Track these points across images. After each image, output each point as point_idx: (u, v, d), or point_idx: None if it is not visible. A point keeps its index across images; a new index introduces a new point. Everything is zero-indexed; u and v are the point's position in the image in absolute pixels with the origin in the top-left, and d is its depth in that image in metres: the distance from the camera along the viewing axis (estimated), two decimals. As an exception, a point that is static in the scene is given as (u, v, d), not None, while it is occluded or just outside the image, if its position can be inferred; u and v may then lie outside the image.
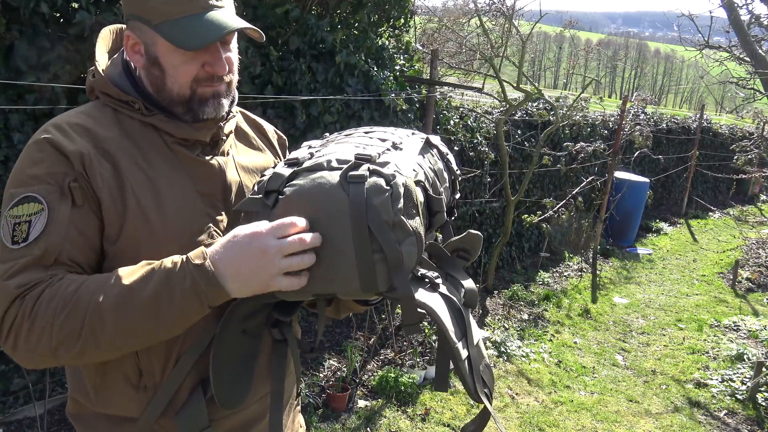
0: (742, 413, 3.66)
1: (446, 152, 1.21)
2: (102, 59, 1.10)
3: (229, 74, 1.05)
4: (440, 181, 1.11)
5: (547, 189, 6.35)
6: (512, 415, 3.35)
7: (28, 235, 0.91)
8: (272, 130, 1.31)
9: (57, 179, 0.93)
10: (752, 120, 8.31)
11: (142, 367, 1.02)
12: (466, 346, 0.99)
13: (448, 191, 1.16)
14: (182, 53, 0.98)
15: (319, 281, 0.91)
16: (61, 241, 0.91)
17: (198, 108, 1.02)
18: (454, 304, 1.00)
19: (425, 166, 1.07)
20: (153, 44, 1.00)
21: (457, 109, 4.99)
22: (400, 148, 1.06)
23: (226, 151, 1.12)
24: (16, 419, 2.65)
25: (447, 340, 0.94)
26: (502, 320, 4.58)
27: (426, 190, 1.01)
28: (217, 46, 1.01)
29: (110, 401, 1.04)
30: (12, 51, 2.26)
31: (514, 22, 4.74)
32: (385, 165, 0.94)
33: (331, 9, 3.65)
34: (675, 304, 5.69)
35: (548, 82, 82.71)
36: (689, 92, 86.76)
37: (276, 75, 3.17)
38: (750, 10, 6.30)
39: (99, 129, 1.00)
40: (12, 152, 2.32)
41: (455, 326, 0.97)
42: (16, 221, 0.91)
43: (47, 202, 0.92)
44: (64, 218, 0.92)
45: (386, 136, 1.10)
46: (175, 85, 1.01)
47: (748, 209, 10.24)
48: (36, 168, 0.94)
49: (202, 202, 1.04)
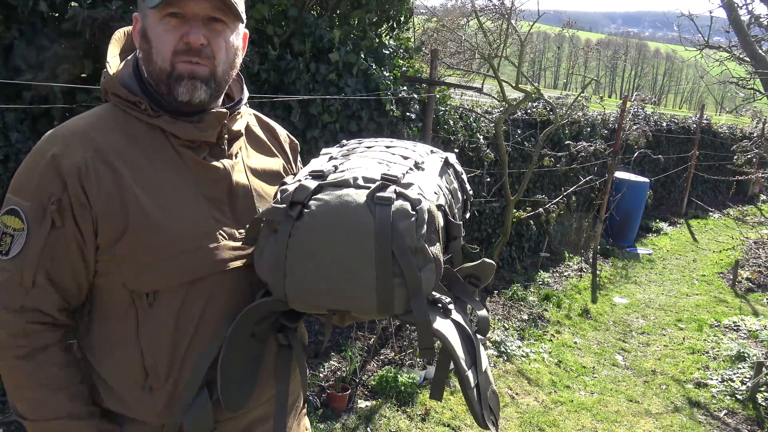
0: (742, 413, 3.66)
1: (461, 172, 1.22)
2: (113, 61, 1.10)
3: (211, 54, 1.03)
4: (455, 200, 1.12)
5: (547, 189, 6.35)
6: (512, 415, 3.34)
7: (9, 249, 0.98)
8: (285, 134, 1.30)
9: (42, 197, 0.98)
10: (752, 120, 8.31)
11: (147, 367, 1.02)
12: (476, 373, 1.01)
13: (461, 211, 1.17)
14: (165, 22, 1.00)
15: (337, 298, 0.92)
16: (36, 263, 0.98)
17: (174, 86, 1.02)
18: (464, 330, 1.02)
19: (443, 188, 1.08)
20: (145, 18, 1.03)
21: (457, 108, 4.98)
22: (422, 167, 1.06)
23: (234, 154, 1.11)
24: (16, 419, 2.64)
25: (457, 367, 0.96)
26: (502, 320, 4.58)
27: (446, 214, 1.03)
28: (198, 17, 1.01)
29: (117, 400, 1.05)
30: (11, 50, 2.26)
31: (513, 22, 4.73)
32: (409, 187, 0.95)
33: (330, 8, 3.64)
34: (675, 304, 5.68)
35: (548, 82, 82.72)
36: (689, 92, 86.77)
37: (274, 74, 3.16)
38: (750, 10, 6.30)
39: (103, 134, 1.02)
40: (11, 151, 2.32)
41: (465, 354, 1.00)
42: (3, 230, 0.99)
43: (28, 224, 0.98)
44: (41, 240, 0.98)
45: (408, 153, 1.11)
46: (158, 58, 1.02)
47: (747, 209, 10.25)
48: (31, 177, 1.00)
49: (207, 206, 1.04)
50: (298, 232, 0.92)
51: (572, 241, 6.61)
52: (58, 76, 2.32)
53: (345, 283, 0.91)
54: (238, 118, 1.13)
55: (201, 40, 1.01)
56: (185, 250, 1.01)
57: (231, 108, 1.10)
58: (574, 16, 5.90)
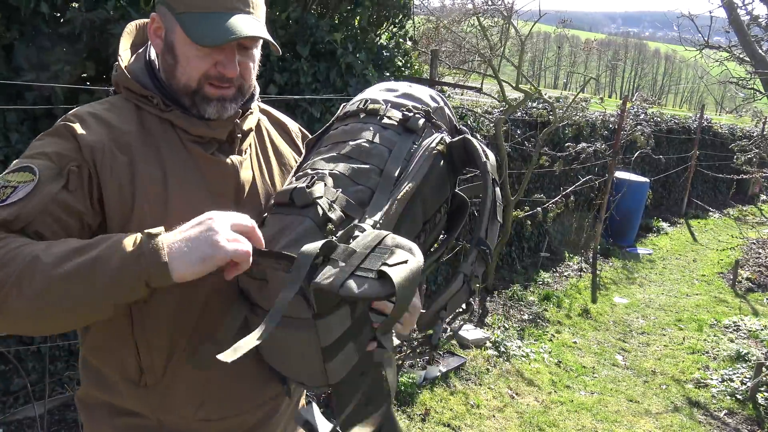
0: (742, 413, 3.66)
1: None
2: (125, 54, 1.10)
3: (240, 79, 1.03)
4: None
5: (547, 189, 6.35)
6: (512, 415, 3.35)
7: (7, 198, 0.88)
8: (296, 128, 1.29)
9: (61, 161, 0.93)
10: (752, 119, 8.31)
11: (143, 364, 1.02)
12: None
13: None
14: (197, 47, 0.98)
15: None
16: (34, 214, 0.88)
17: (200, 104, 1.02)
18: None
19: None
20: (172, 31, 1.00)
21: (457, 109, 4.99)
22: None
23: (244, 150, 1.11)
24: (16, 419, 2.65)
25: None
26: (502, 320, 4.58)
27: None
28: (233, 48, 1.00)
29: (114, 394, 1.06)
30: (12, 50, 2.26)
31: (513, 21, 4.74)
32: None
33: (331, 9, 3.65)
34: (675, 304, 5.69)
35: (548, 81, 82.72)
36: (689, 92, 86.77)
37: (277, 75, 3.17)
38: (750, 10, 6.31)
39: (120, 122, 1.01)
40: (11, 151, 2.32)
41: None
42: (4, 184, 0.90)
43: (40, 176, 0.91)
44: (48, 195, 0.90)
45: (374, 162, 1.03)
46: (184, 77, 1.01)
47: (747, 209, 10.25)
48: (48, 146, 0.95)
49: (212, 202, 1.03)
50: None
51: (572, 241, 6.61)
52: (59, 77, 2.33)
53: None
54: (249, 116, 1.12)
55: (237, 73, 1.01)
56: None
57: (243, 106, 1.09)
58: (575, 16, 5.91)
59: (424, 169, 1.01)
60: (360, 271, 0.79)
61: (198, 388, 1.05)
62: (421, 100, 1.12)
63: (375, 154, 1.01)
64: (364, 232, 0.88)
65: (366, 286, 0.77)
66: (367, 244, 0.83)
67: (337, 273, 0.79)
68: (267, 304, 0.90)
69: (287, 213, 0.94)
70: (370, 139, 1.03)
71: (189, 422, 1.07)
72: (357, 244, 0.84)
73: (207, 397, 1.06)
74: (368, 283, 0.77)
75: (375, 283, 0.77)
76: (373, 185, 0.98)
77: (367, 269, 0.79)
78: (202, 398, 1.06)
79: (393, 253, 0.81)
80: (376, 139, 1.03)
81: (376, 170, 0.99)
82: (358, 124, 1.07)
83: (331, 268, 0.80)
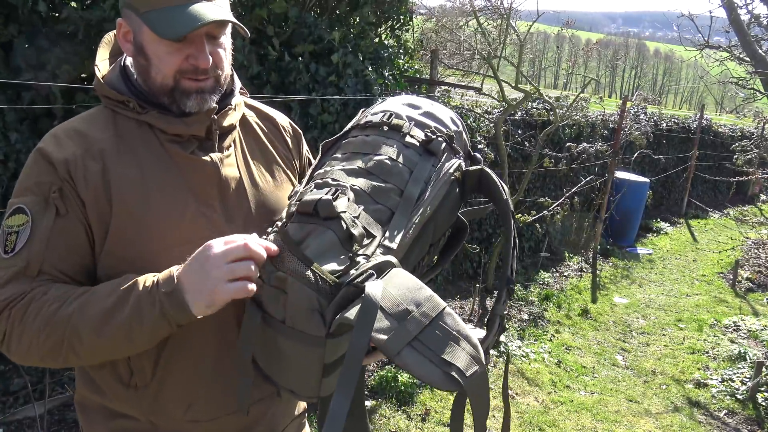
0: (742, 413, 3.66)
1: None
2: (102, 65, 1.11)
3: (216, 69, 1.03)
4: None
5: (548, 189, 6.35)
6: (512, 415, 3.35)
7: (15, 245, 0.96)
8: (287, 122, 1.28)
9: (42, 190, 0.98)
10: (752, 120, 8.31)
11: (133, 367, 1.03)
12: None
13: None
14: (167, 44, 0.98)
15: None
16: (42, 252, 0.95)
17: (180, 99, 1.02)
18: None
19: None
20: (140, 32, 1.01)
21: (457, 109, 4.98)
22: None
23: (226, 147, 1.10)
24: (16, 419, 2.65)
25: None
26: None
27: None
28: (202, 38, 1.00)
29: (106, 396, 1.06)
30: (11, 50, 2.26)
31: (512, 22, 4.74)
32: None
33: (330, 8, 3.64)
34: (675, 304, 5.68)
35: (548, 81, 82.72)
36: (689, 92, 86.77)
37: (274, 74, 3.17)
38: (750, 10, 6.31)
39: (94, 131, 1.03)
40: (11, 151, 2.32)
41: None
42: (8, 231, 0.97)
43: (32, 214, 0.96)
44: (46, 230, 0.96)
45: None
46: (159, 75, 1.01)
47: (747, 209, 10.24)
48: (28, 178, 1.00)
49: (195, 201, 1.03)
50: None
51: (572, 241, 6.61)
52: (57, 77, 2.33)
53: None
54: (231, 112, 1.11)
55: (210, 63, 1.01)
56: (170, 246, 1.00)
57: (221, 102, 1.09)
58: (575, 16, 5.91)
59: (441, 194, 1.02)
60: (416, 343, 0.78)
61: (185, 389, 1.05)
62: (442, 122, 1.12)
63: (395, 173, 1.00)
64: (395, 269, 0.89)
65: (427, 370, 0.76)
66: (419, 303, 0.82)
67: (393, 335, 0.78)
68: (281, 315, 0.89)
69: (309, 222, 0.93)
70: (393, 157, 1.02)
71: (179, 424, 1.06)
72: (404, 297, 0.82)
73: (194, 399, 1.06)
74: (430, 368, 0.77)
75: (438, 372, 0.76)
76: (393, 206, 0.98)
77: (426, 347, 0.78)
78: (190, 400, 1.05)
79: (458, 343, 0.80)
80: (399, 159, 1.03)
81: (396, 190, 0.99)
82: (380, 137, 1.06)
83: (386, 323, 0.79)
